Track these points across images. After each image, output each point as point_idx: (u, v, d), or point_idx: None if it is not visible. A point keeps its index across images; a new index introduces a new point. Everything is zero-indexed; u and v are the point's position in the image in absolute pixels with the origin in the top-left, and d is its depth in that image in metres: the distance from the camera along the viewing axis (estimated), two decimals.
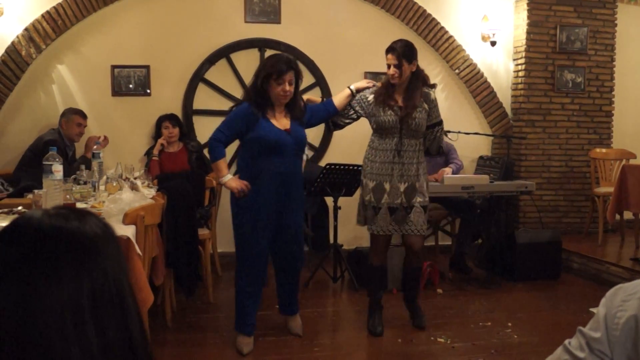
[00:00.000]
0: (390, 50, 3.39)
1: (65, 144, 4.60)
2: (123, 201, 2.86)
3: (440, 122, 3.53)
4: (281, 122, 3.28)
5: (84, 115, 4.76)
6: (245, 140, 3.31)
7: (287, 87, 3.16)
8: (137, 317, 0.77)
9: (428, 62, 5.65)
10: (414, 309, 3.84)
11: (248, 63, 5.32)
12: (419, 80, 3.41)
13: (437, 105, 3.50)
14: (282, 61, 3.19)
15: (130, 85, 5.16)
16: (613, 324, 1.01)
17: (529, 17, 5.61)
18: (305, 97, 3.60)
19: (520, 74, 5.72)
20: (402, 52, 3.34)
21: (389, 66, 3.38)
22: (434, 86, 3.54)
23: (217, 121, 5.34)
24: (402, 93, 3.42)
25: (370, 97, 3.51)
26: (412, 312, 3.84)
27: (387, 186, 3.45)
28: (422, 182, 3.49)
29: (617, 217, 5.16)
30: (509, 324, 3.88)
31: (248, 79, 5.31)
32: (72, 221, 0.74)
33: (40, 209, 0.77)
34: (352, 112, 3.56)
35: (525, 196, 5.43)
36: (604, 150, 5.64)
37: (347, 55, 5.48)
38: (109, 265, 0.74)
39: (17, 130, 4.93)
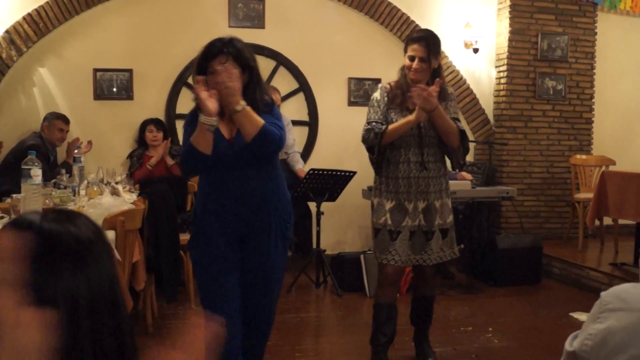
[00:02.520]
0: (417, 40, 2.75)
1: (47, 148, 4.55)
2: (102, 206, 2.84)
3: (457, 120, 2.85)
4: (226, 127, 2.33)
5: (66, 120, 4.72)
6: None
7: (220, 78, 2.16)
8: (128, 322, 0.79)
9: None
10: (424, 349, 3.22)
11: None
12: (440, 79, 2.78)
13: (454, 100, 2.92)
14: (211, 45, 2.24)
15: (113, 89, 5.12)
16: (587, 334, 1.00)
17: (511, 25, 5.67)
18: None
19: (503, 80, 5.78)
20: (433, 43, 2.76)
21: (412, 58, 2.75)
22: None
23: None
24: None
25: (381, 98, 2.85)
26: (420, 353, 3.22)
27: (408, 206, 2.83)
28: (444, 199, 2.90)
29: (597, 222, 5.23)
30: (490, 329, 3.91)
31: None
32: (67, 225, 0.75)
33: (36, 212, 0.78)
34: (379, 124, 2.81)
35: (507, 202, 5.48)
36: (584, 156, 5.71)
37: (331, 61, 5.50)
38: (103, 267, 0.75)
39: None
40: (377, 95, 2.87)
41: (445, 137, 2.78)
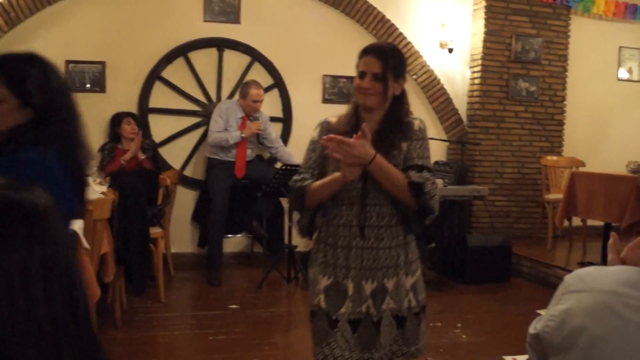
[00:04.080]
0: (370, 51, 1.99)
1: None
2: None
3: (424, 169, 1.97)
4: None
5: None
6: None
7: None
8: (82, 291, 0.78)
9: None
10: None
11: (206, 62, 5.30)
12: (402, 110, 2.02)
13: (424, 139, 2.02)
14: None
15: (85, 81, 5.06)
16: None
17: (485, 26, 5.74)
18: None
19: (476, 81, 5.84)
20: (391, 59, 1.96)
21: (362, 75, 1.97)
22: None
23: (173, 120, 5.37)
24: (374, 126, 1.97)
25: (318, 139, 2.03)
26: None
27: (349, 286, 1.98)
28: (402, 278, 1.99)
29: (566, 223, 5.32)
30: (459, 325, 3.95)
31: (206, 78, 5.33)
32: (22, 192, 0.75)
33: None
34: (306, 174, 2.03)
35: (478, 201, 5.54)
36: (554, 157, 5.80)
37: (306, 57, 5.51)
38: (57, 235, 0.75)
39: None
40: (314, 133, 2.07)
41: (392, 194, 1.95)
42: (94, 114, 5.04)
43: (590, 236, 5.47)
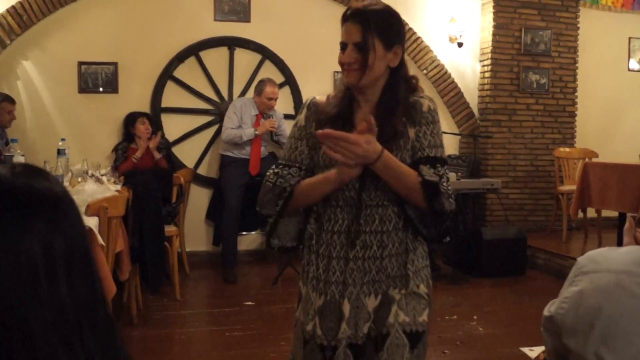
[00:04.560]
0: (350, 16, 1.58)
1: None
2: (85, 192, 2.84)
3: (438, 161, 1.59)
4: None
5: (12, 101, 4.58)
6: None
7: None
8: (99, 277, 0.79)
9: None
10: None
11: (217, 61, 5.33)
12: (401, 84, 1.62)
13: (434, 123, 1.61)
14: None
15: (98, 82, 5.10)
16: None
17: (494, 20, 5.72)
18: None
19: (487, 75, 5.83)
20: (377, 22, 1.55)
21: (343, 47, 1.59)
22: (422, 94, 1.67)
23: (186, 119, 5.40)
24: (371, 111, 1.58)
25: (306, 123, 1.67)
26: None
27: (345, 306, 1.59)
28: (413, 288, 1.61)
29: (581, 214, 5.28)
30: (475, 317, 3.94)
31: (217, 77, 5.35)
32: (41, 179, 0.76)
33: (4, 166, 0.78)
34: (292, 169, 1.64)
35: (492, 194, 5.52)
36: (567, 149, 5.77)
37: (317, 54, 5.52)
38: (76, 221, 0.75)
39: None
40: (300, 117, 1.68)
41: (402, 195, 1.57)
42: (107, 115, 5.10)
43: (606, 227, 5.42)
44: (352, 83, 1.58)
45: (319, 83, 5.55)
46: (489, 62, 5.79)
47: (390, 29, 1.58)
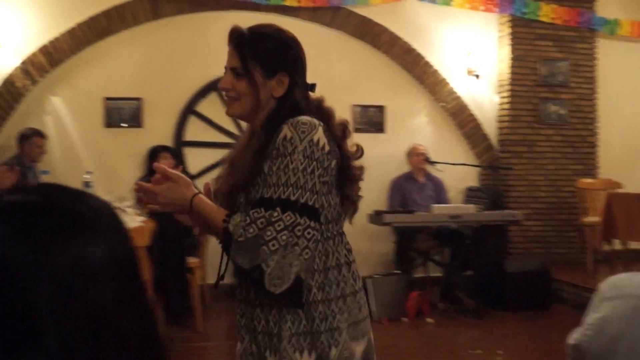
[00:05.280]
0: (229, 39, 1.46)
1: (24, 166, 4.58)
2: None
3: (264, 204, 1.33)
4: None
5: (43, 136, 4.75)
6: None
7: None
8: (145, 293, 0.82)
9: (413, 96, 5.79)
10: None
11: None
12: (285, 114, 1.41)
13: (285, 156, 1.34)
14: None
15: (123, 117, 5.24)
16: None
17: (512, 52, 5.77)
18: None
19: (505, 106, 5.85)
20: (255, 45, 1.43)
21: (225, 73, 1.46)
22: (342, 125, 1.53)
23: (208, 153, 5.48)
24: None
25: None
26: None
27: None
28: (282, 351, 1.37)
29: (606, 246, 5.19)
30: (499, 352, 3.87)
31: None
32: (95, 200, 0.80)
33: (31, 187, 0.81)
34: None
35: (514, 227, 5.47)
36: (590, 180, 5.72)
37: (335, 88, 5.56)
38: (123, 234, 0.78)
39: None
40: (322, 139, 1.39)
41: None
42: (132, 149, 5.20)
43: (634, 259, 5.32)
44: (229, 113, 1.49)
45: (337, 116, 5.61)
46: (507, 93, 5.82)
47: (271, 54, 1.43)
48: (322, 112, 1.47)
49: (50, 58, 5.01)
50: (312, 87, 1.53)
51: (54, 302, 0.69)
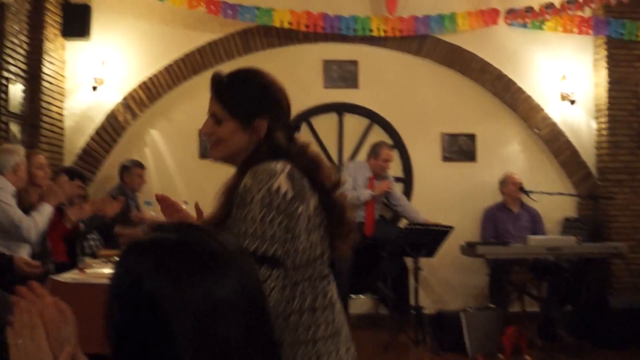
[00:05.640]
0: (210, 84, 1.52)
1: (127, 196, 4.80)
2: None
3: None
4: None
5: (142, 166, 5.00)
6: None
7: None
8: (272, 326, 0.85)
9: (506, 123, 5.63)
10: None
11: (328, 126, 5.51)
12: (261, 157, 1.41)
13: (245, 206, 1.34)
14: None
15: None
16: None
17: (609, 75, 5.52)
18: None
19: (604, 132, 5.57)
20: (233, 91, 1.48)
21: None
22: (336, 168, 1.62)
23: None
24: None
25: None
26: None
27: None
28: None
29: None
30: None
31: (327, 141, 5.49)
32: (227, 239, 0.82)
33: (165, 227, 0.86)
34: None
35: (617, 260, 5.16)
36: None
37: (424, 116, 5.55)
38: (257, 275, 0.84)
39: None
40: (283, 186, 1.37)
41: None
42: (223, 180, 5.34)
43: None
44: (212, 157, 1.52)
45: (426, 145, 5.56)
46: (605, 119, 5.55)
47: (249, 100, 1.45)
48: (306, 157, 1.44)
49: (149, 93, 5.29)
50: (297, 127, 1.55)
51: (191, 333, 0.71)
